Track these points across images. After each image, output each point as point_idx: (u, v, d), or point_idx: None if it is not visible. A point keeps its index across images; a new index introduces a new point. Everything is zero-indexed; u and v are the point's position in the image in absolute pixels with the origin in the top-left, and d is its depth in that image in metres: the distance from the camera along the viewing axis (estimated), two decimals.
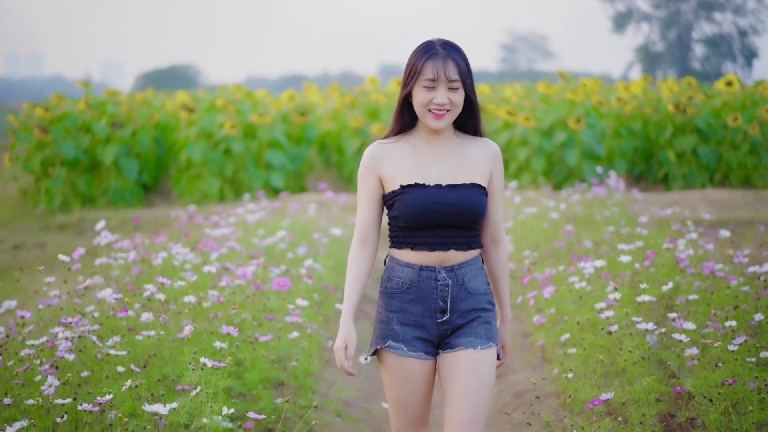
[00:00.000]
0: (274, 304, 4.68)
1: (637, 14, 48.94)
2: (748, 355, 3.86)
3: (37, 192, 13.51)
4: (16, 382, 3.58)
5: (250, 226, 7.63)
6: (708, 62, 47.95)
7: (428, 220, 2.93)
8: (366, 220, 3.04)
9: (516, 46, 67.32)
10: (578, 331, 4.32)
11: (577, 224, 7.33)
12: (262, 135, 13.40)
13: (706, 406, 3.57)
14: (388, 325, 3.00)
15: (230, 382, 3.54)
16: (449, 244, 2.97)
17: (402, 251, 3.01)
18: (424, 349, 2.98)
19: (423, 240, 2.96)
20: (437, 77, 2.91)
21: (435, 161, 3.00)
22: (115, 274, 5.38)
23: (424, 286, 2.97)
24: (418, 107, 2.96)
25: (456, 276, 2.98)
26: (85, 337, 3.93)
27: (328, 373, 5.18)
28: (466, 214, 2.95)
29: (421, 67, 2.93)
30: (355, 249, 3.05)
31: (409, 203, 2.94)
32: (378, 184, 3.03)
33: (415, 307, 2.98)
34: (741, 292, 4.72)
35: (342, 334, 2.95)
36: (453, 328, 2.98)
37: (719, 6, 47.41)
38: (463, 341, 2.95)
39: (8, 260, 10.19)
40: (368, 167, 3.04)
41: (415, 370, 2.97)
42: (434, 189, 2.95)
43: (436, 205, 2.92)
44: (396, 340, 2.98)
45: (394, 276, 3.02)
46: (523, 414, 4.50)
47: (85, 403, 3.25)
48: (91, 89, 14.14)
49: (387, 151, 3.03)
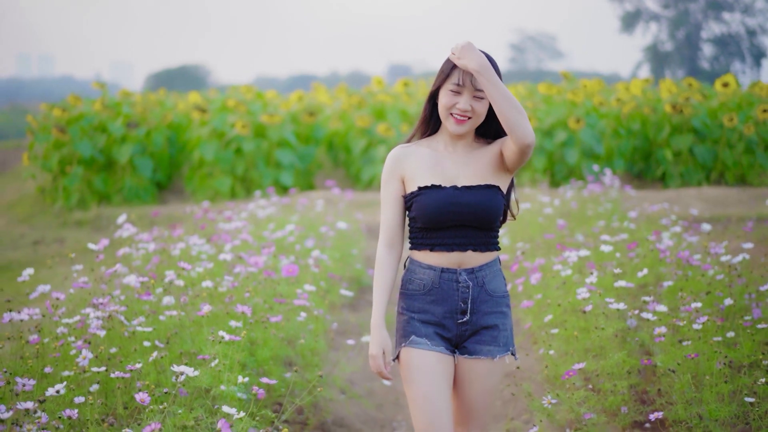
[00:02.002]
0: (284, 289, 5.10)
1: (646, 14, 48.90)
2: (715, 335, 4.26)
3: (55, 190, 13.98)
4: (53, 355, 4.00)
5: (261, 220, 8.05)
6: (717, 62, 47.86)
7: (444, 220, 3.01)
8: (391, 222, 3.11)
9: (525, 45, 67.30)
10: (561, 314, 4.72)
11: (570, 219, 7.73)
12: (272, 134, 13.85)
13: (671, 378, 3.97)
14: (410, 324, 3.07)
15: (245, 355, 3.96)
16: (467, 245, 3.03)
17: (422, 253, 3.08)
18: (445, 345, 3.05)
19: (441, 241, 3.03)
20: (464, 83, 2.98)
21: (453, 164, 3.07)
22: (136, 264, 5.80)
23: (446, 287, 3.04)
24: (441, 109, 3.04)
25: (476, 278, 3.05)
26: (113, 317, 4.35)
27: (333, 353, 5.60)
28: (482, 214, 3.01)
29: (450, 71, 3.01)
30: (382, 251, 3.11)
31: (425, 204, 3.02)
32: (401, 186, 3.11)
33: (436, 308, 3.05)
34: (715, 280, 5.11)
35: (378, 341, 3.01)
36: (473, 329, 3.06)
37: (728, 6, 47.32)
38: (483, 349, 3.06)
39: (29, 255, 10.64)
40: (392, 170, 3.12)
41: (437, 365, 3.02)
42: (450, 190, 3.02)
43: (451, 205, 3.00)
44: (419, 335, 3.04)
45: (415, 278, 3.09)
46: (512, 395, 4.91)
47: (117, 371, 3.67)
48: (107, 90, 14.61)
49: (408, 153, 3.11)
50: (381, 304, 3.05)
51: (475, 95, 2.99)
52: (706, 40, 48.33)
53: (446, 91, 3.02)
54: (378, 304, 3.06)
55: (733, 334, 4.16)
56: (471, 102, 3.00)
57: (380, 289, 3.07)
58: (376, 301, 3.07)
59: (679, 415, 3.85)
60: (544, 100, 14.79)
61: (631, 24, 49.06)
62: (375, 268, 3.12)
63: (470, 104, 3.00)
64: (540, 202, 8.49)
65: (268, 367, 4.45)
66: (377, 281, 3.09)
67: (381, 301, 3.06)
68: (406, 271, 3.14)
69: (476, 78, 2.93)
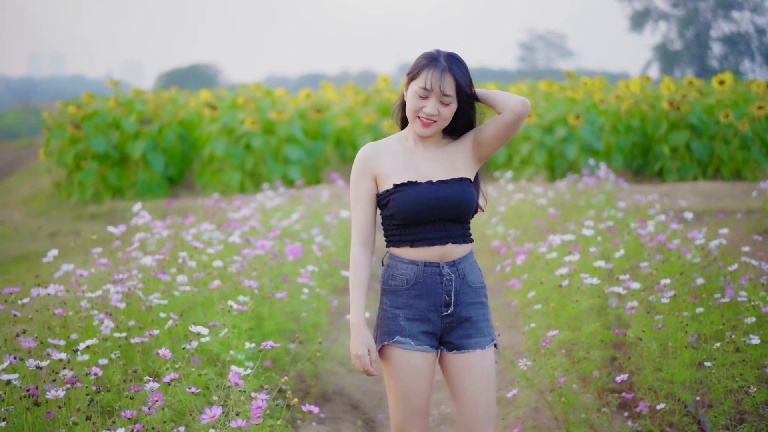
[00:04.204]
0: (289, 269, 5.51)
1: (655, 13, 48.85)
2: (685, 310, 4.64)
3: (70, 184, 14.45)
4: (78, 325, 4.40)
5: (269, 210, 8.47)
6: (726, 61, 47.76)
7: (424, 215, 3.02)
8: (364, 221, 3.12)
9: (535, 44, 67.28)
10: (545, 292, 5.11)
11: (563, 209, 8.12)
12: (280, 131, 14.27)
13: (642, 346, 4.36)
14: (394, 321, 3.08)
15: (252, 324, 4.36)
16: (446, 238, 3.05)
17: (402, 249, 3.09)
18: (429, 343, 3.08)
19: (421, 236, 3.05)
20: (431, 88, 2.98)
21: (425, 160, 3.09)
22: (150, 249, 6.21)
23: (430, 281, 3.06)
24: (409, 111, 3.05)
25: (458, 270, 3.08)
26: (132, 292, 4.75)
27: (334, 330, 6.00)
28: (459, 206, 3.03)
29: (418, 73, 3.02)
30: (357, 250, 3.12)
31: (403, 201, 3.02)
32: (373, 184, 3.11)
33: (420, 303, 3.07)
34: (693, 263, 5.48)
35: (362, 340, 3.05)
36: (457, 321, 3.08)
37: (737, 4, 47.24)
38: (471, 343, 3.08)
39: (46, 246, 11.05)
40: (362, 169, 3.11)
41: (421, 364, 3.07)
42: (427, 185, 3.03)
43: (429, 200, 3.01)
44: (403, 335, 3.06)
45: (397, 274, 3.09)
46: (504, 368, 5.28)
47: (137, 336, 4.08)
48: (120, 88, 15.05)
49: (379, 152, 3.12)
50: (360, 303, 3.07)
51: (442, 100, 3.00)
52: (715, 38, 48.27)
53: (413, 93, 3.03)
54: (356, 303, 3.07)
55: (702, 309, 4.52)
56: (438, 107, 3.01)
57: (357, 288, 3.09)
58: (354, 301, 3.08)
59: (647, 381, 4.23)
60: (545, 97, 15.17)
61: (640, 23, 49.00)
62: (350, 267, 3.11)
63: (437, 109, 3.00)
64: (534, 193, 8.88)
65: (273, 339, 4.85)
66: (354, 280, 3.09)
67: (359, 300, 3.07)
68: (386, 267, 3.14)
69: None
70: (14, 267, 9.54)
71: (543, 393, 4.42)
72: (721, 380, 4.02)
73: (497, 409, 4.69)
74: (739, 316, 4.59)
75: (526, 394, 4.68)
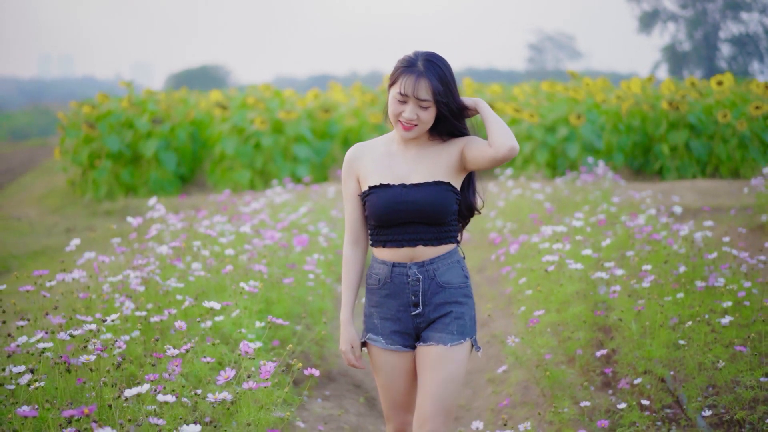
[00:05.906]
0: (296, 258, 5.86)
1: (664, 14, 48.85)
2: (667, 295, 4.97)
3: (85, 182, 14.86)
4: (101, 307, 4.75)
5: (277, 205, 8.83)
6: (735, 62, 47.84)
7: (393, 218, 3.05)
8: (354, 220, 3.18)
9: (543, 45, 67.29)
10: (535, 278, 5.45)
11: (559, 205, 8.45)
12: (289, 130, 14.66)
13: (623, 327, 4.69)
14: (370, 319, 3.18)
15: (261, 306, 4.71)
16: (416, 240, 3.07)
17: (377, 249, 3.14)
18: (402, 343, 3.12)
19: (392, 237, 3.08)
20: (407, 93, 2.98)
21: (405, 162, 3.10)
22: (166, 240, 6.57)
23: (397, 281, 3.09)
24: (390, 114, 3.07)
25: (427, 271, 3.08)
26: (150, 278, 5.11)
27: (338, 316, 6.36)
28: (429, 210, 3.03)
29: (396, 78, 3.03)
30: (348, 249, 3.20)
31: (374, 203, 3.06)
32: (357, 185, 3.17)
33: (391, 302, 3.12)
34: (676, 252, 5.80)
35: (346, 338, 3.15)
36: (428, 321, 3.10)
37: (746, 6, 47.30)
38: (435, 336, 3.06)
39: (62, 241, 11.42)
40: (348, 170, 3.19)
41: (393, 363, 3.12)
42: (398, 188, 3.05)
43: (397, 204, 3.03)
44: (375, 333, 3.15)
45: (373, 273, 3.16)
46: (487, 342, 5.60)
47: (156, 315, 4.43)
48: (133, 89, 15.45)
49: (363, 153, 3.17)
50: (349, 301, 3.16)
51: (420, 105, 3.00)
52: (724, 39, 48.30)
53: (393, 98, 3.04)
54: (346, 300, 3.16)
55: (682, 295, 4.85)
56: (417, 111, 3.01)
57: (347, 285, 3.17)
58: (344, 298, 3.16)
59: (627, 358, 4.57)
60: (548, 98, 15.52)
61: (649, 24, 49.00)
62: (342, 265, 3.20)
63: (416, 113, 3.01)
64: (533, 189, 9.22)
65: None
66: (344, 278, 3.17)
67: (349, 298, 3.16)
68: (369, 266, 3.21)
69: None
70: (31, 262, 9.91)
71: (532, 371, 4.76)
72: (693, 357, 4.35)
73: (489, 387, 5.04)
74: (717, 301, 4.91)
75: (517, 373, 5.03)
